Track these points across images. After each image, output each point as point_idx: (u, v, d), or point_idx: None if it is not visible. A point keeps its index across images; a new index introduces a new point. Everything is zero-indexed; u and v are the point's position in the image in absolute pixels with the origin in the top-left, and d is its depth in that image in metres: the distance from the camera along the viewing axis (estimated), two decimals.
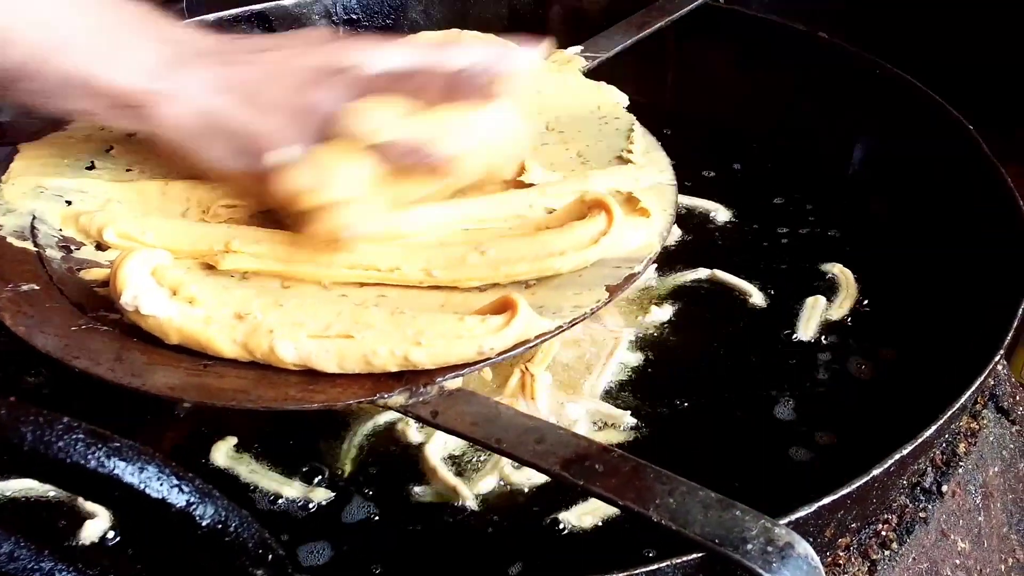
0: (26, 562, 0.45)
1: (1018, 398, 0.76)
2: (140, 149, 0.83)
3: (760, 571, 0.47)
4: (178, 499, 0.39)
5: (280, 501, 0.65)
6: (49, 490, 0.65)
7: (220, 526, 0.40)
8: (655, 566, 0.49)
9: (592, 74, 0.95)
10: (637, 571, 0.49)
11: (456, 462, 0.67)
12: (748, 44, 1.04)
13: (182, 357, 0.62)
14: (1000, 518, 0.69)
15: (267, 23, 1.08)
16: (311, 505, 0.64)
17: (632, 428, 0.68)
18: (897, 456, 0.54)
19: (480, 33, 0.95)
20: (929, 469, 0.65)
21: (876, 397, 0.71)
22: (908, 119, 0.89)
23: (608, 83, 0.93)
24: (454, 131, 0.68)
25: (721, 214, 0.91)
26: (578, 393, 0.71)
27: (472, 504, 0.64)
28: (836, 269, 0.83)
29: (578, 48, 0.97)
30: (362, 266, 0.67)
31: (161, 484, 0.38)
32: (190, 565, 0.41)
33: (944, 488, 0.65)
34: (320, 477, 0.66)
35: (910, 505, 0.63)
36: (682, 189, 0.80)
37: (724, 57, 1.05)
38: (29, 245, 0.71)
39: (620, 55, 0.99)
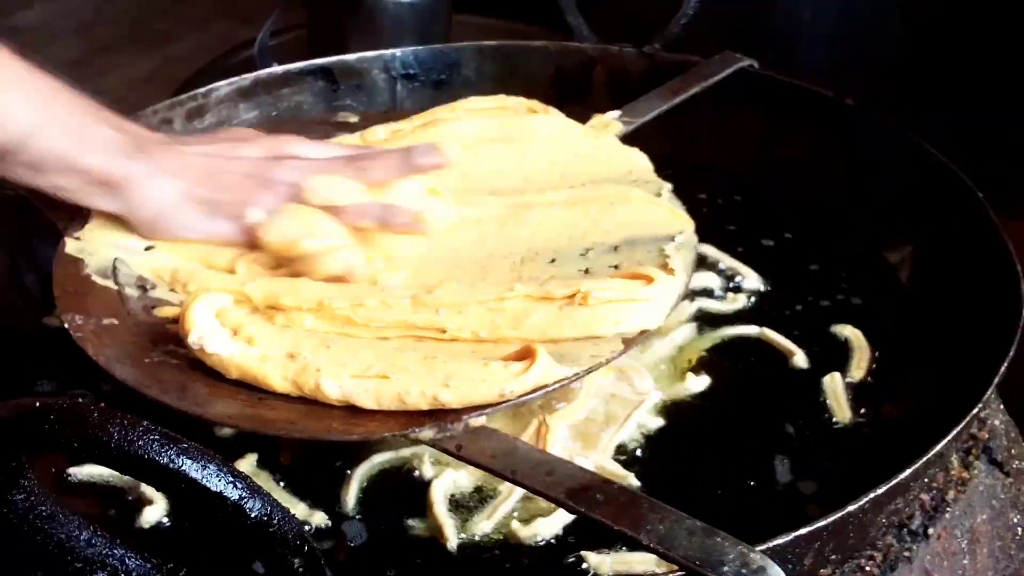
0: (101, 548, 0.53)
1: (1014, 452, 0.81)
2: None
3: None
4: (232, 493, 0.46)
5: None
6: (110, 477, 0.74)
7: (266, 518, 0.47)
8: None
9: (630, 133, 1.02)
10: None
11: (459, 503, 0.72)
12: (779, 107, 1.10)
13: (240, 390, 0.70)
14: (986, 563, 0.73)
15: (331, 76, 1.17)
16: (311, 528, 0.70)
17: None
18: (872, 495, 0.60)
19: (527, 100, 1.02)
20: (917, 512, 0.71)
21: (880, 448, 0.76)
22: (925, 186, 0.95)
23: (646, 140, 1.00)
24: (405, 198, 0.82)
25: (752, 281, 0.94)
26: (592, 448, 0.75)
27: (453, 546, 0.69)
28: (848, 331, 0.87)
29: (616, 112, 1.03)
30: (416, 327, 0.73)
31: (219, 480, 0.46)
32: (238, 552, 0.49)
33: (930, 531, 0.70)
34: (324, 508, 0.72)
35: (896, 544, 0.68)
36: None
37: (757, 119, 1.11)
38: (111, 284, 0.80)
39: (659, 115, 1.06)
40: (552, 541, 0.69)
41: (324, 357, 0.69)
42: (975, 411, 0.66)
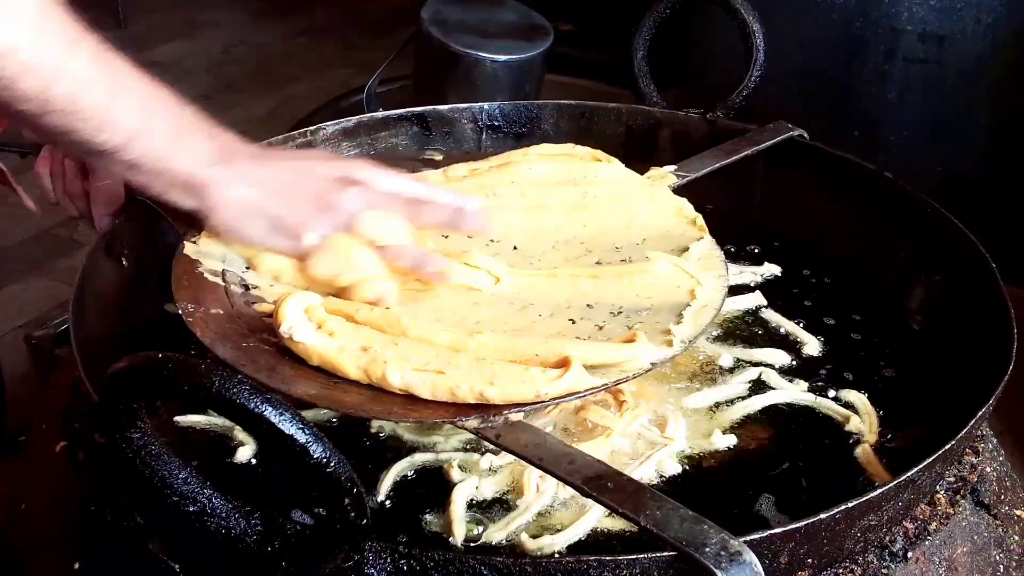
0: (194, 486, 0.66)
1: (1005, 498, 0.89)
2: None
3: (712, 568, 0.63)
4: (300, 436, 0.58)
5: None
6: (208, 424, 0.88)
7: (325, 460, 0.59)
8: (635, 556, 0.66)
9: (690, 189, 1.13)
10: (620, 558, 0.66)
11: (480, 511, 0.81)
12: (827, 175, 1.19)
13: (319, 375, 0.82)
14: None
15: (424, 123, 1.31)
16: None
17: None
18: (843, 507, 0.70)
19: (592, 150, 1.15)
20: (899, 538, 0.79)
21: None
22: (945, 251, 1.04)
23: (706, 196, 1.12)
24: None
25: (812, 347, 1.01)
26: None
27: (458, 543, 0.77)
28: (852, 396, 0.93)
29: (673, 167, 1.15)
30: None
31: (291, 425, 0.58)
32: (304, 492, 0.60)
33: (910, 555, 0.78)
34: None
35: (875, 562, 0.77)
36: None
37: (806, 184, 1.21)
38: (219, 280, 0.94)
39: (717, 175, 1.17)
40: (555, 555, 0.77)
41: (391, 352, 0.81)
42: (946, 448, 0.75)
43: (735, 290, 1.06)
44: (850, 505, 0.70)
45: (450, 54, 1.73)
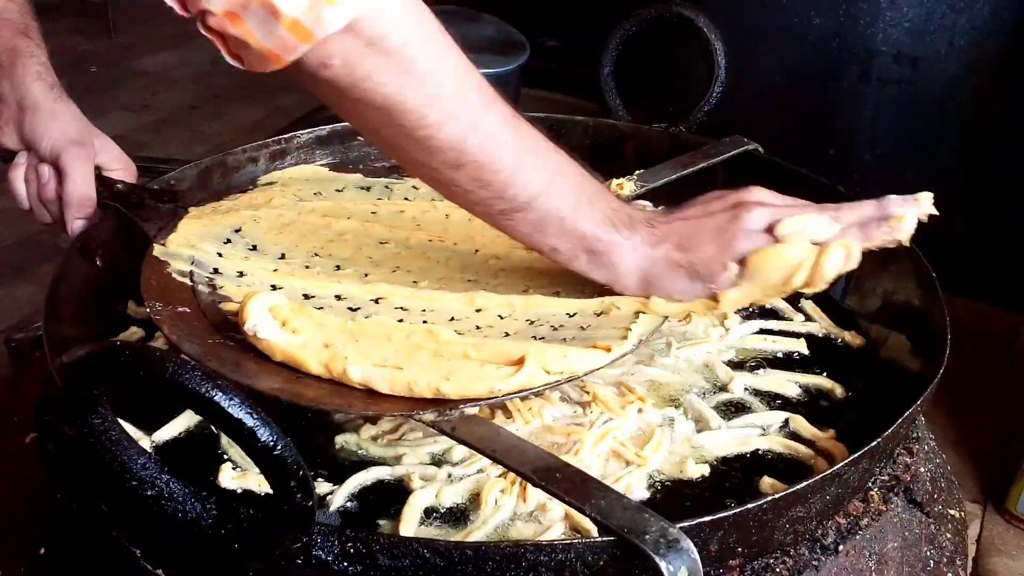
0: (152, 471, 0.70)
1: (940, 498, 0.93)
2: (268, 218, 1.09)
3: (651, 554, 0.66)
4: (248, 420, 0.61)
5: None
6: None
7: (272, 444, 0.62)
8: (569, 540, 0.69)
9: (655, 200, 1.19)
10: (555, 542, 0.69)
11: (440, 523, 0.82)
12: (781, 188, 1.23)
13: (282, 370, 0.86)
14: None
15: None
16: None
17: None
18: (769, 498, 0.73)
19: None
20: (831, 531, 0.83)
21: None
22: (888, 262, 1.08)
23: (670, 202, 1.14)
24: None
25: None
26: None
27: None
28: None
29: (632, 177, 1.20)
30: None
31: (240, 410, 0.61)
32: None
33: (840, 548, 0.82)
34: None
35: (807, 553, 0.81)
36: None
37: None
38: (187, 280, 0.97)
39: (679, 184, 1.20)
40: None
41: (352, 348, 0.85)
42: (871, 446, 0.79)
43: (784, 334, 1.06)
44: (776, 496, 0.74)
45: None
